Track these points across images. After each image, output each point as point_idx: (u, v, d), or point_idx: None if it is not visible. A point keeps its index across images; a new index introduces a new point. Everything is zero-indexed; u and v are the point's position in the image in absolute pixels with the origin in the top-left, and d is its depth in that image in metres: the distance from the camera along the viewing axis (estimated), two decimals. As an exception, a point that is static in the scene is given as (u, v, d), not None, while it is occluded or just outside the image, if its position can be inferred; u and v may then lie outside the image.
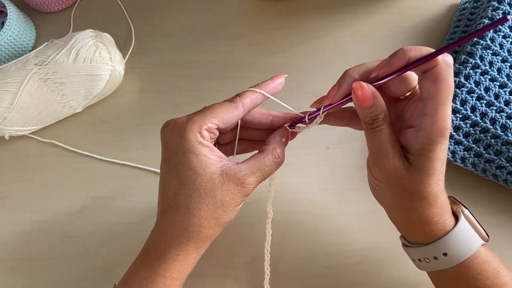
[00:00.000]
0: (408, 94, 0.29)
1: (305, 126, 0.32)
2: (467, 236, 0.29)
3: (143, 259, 0.31)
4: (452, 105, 0.41)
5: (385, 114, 0.28)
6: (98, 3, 0.57)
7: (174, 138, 0.29)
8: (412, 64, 0.26)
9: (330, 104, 0.30)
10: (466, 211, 0.31)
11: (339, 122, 0.33)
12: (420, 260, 0.31)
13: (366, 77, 0.29)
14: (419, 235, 0.30)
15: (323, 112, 0.30)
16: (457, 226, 0.29)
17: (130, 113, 0.50)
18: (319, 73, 0.51)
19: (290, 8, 0.55)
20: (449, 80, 0.26)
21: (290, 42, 0.53)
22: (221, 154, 0.30)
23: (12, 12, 0.51)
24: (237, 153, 0.35)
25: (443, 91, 0.26)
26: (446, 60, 0.26)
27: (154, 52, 0.54)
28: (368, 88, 0.27)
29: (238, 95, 0.30)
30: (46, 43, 0.48)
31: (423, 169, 0.27)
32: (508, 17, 0.24)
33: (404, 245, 0.33)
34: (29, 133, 0.48)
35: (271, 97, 0.31)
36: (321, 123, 0.32)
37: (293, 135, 0.34)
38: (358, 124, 0.32)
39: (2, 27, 0.50)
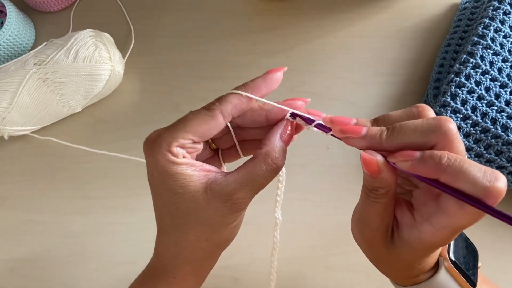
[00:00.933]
0: None
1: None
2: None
3: (142, 278, 0.30)
4: (453, 105, 0.41)
5: (388, 190, 0.23)
6: (97, 3, 0.57)
7: (147, 158, 0.26)
8: (447, 189, 0.21)
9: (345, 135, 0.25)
10: (450, 260, 0.28)
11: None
12: None
13: (394, 148, 0.23)
14: (390, 277, 0.30)
15: (331, 135, 0.26)
16: (430, 280, 0.27)
17: (130, 113, 0.50)
18: (319, 73, 0.51)
19: (290, 8, 0.55)
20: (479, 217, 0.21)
21: (290, 42, 0.53)
22: (206, 166, 0.26)
23: (12, 11, 0.51)
24: (245, 155, 0.31)
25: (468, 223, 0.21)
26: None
27: (154, 51, 0.53)
28: (378, 162, 0.22)
29: (218, 99, 0.26)
30: (45, 43, 0.47)
31: (403, 257, 0.25)
32: None
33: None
34: (29, 133, 0.48)
35: (261, 99, 0.26)
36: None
37: (299, 128, 0.28)
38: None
39: (2, 27, 0.50)
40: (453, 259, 0.28)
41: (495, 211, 0.20)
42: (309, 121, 0.26)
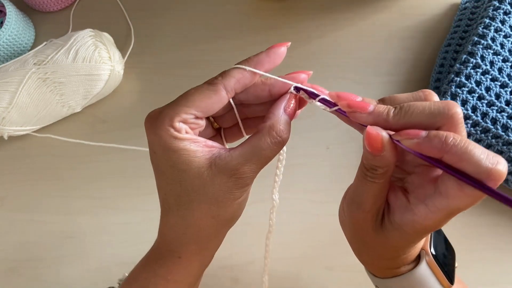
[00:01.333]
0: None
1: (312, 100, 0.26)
2: (423, 282, 0.27)
3: (146, 260, 0.30)
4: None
5: (386, 170, 0.23)
6: (97, 3, 0.57)
7: (149, 135, 0.25)
8: (449, 170, 0.21)
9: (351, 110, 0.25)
10: (430, 258, 0.28)
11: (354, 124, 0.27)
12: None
13: (400, 127, 0.23)
14: (370, 267, 0.30)
15: (336, 110, 0.25)
16: (411, 272, 0.27)
17: (130, 113, 0.50)
18: (319, 73, 0.51)
19: (290, 8, 0.55)
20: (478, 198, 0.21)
21: (290, 42, 0.53)
22: (210, 142, 0.26)
23: (11, 11, 0.51)
24: (248, 133, 0.30)
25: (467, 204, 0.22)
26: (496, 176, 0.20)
27: (154, 51, 0.53)
28: (383, 139, 0.22)
29: (221, 74, 0.26)
30: (45, 43, 0.47)
31: (391, 241, 0.25)
32: None
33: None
34: (28, 133, 0.48)
35: (265, 73, 0.26)
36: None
37: (302, 103, 0.27)
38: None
39: (1, 27, 0.50)
40: (434, 253, 0.28)
41: (496, 193, 0.20)
42: (313, 95, 0.26)
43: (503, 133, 0.40)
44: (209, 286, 0.42)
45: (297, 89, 0.26)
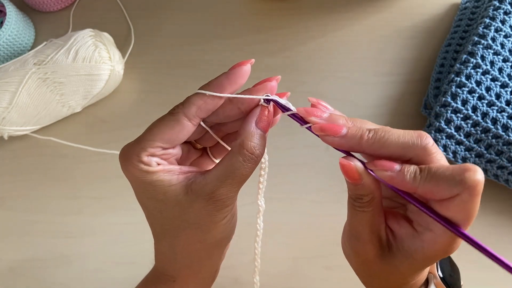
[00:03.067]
0: None
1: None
2: None
3: (146, 282, 0.30)
4: (453, 105, 0.41)
5: (372, 197, 0.23)
6: (97, 3, 0.57)
7: (124, 172, 0.25)
8: (416, 204, 0.22)
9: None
10: (438, 277, 0.28)
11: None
12: None
13: (369, 154, 0.23)
14: None
15: (307, 128, 0.25)
16: None
17: (130, 113, 0.50)
18: (319, 73, 0.51)
19: (290, 8, 0.55)
20: (468, 216, 0.21)
21: (290, 42, 0.53)
22: (185, 168, 0.25)
23: (11, 11, 0.51)
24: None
25: (468, 221, 0.22)
26: (477, 186, 0.20)
27: (154, 51, 0.53)
28: (356, 168, 0.22)
29: (183, 102, 0.25)
30: (45, 43, 0.47)
31: (400, 269, 0.24)
32: None
33: None
34: (29, 133, 0.48)
35: (225, 95, 0.25)
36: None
37: (276, 112, 0.26)
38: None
39: (1, 27, 0.50)
40: (441, 276, 0.28)
41: (463, 234, 0.21)
42: (284, 109, 0.25)
43: (503, 133, 0.40)
44: (209, 286, 0.42)
45: (268, 99, 0.25)
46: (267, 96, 0.25)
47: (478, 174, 0.20)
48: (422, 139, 0.22)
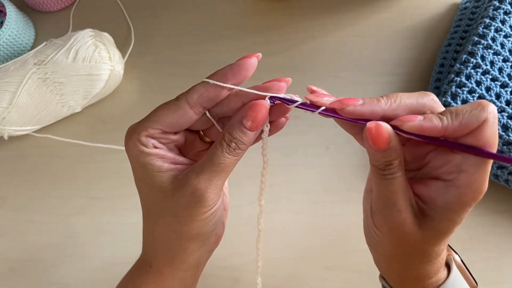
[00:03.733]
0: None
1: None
2: (458, 287, 0.27)
3: (130, 271, 0.31)
4: (453, 105, 0.41)
5: (400, 160, 0.23)
6: (97, 3, 0.57)
7: (125, 148, 0.26)
8: (449, 144, 0.23)
9: (333, 111, 0.24)
10: (457, 258, 0.29)
11: (351, 128, 0.27)
12: None
13: (390, 116, 0.24)
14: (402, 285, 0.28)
15: (319, 113, 0.25)
16: (449, 279, 0.27)
17: (130, 113, 0.50)
18: (319, 73, 0.51)
19: (290, 8, 0.55)
20: (496, 140, 0.22)
21: (290, 42, 0.53)
22: (179, 158, 0.26)
23: (11, 11, 0.51)
24: None
25: (496, 143, 0.23)
26: (494, 115, 0.22)
27: (154, 51, 0.53)
28: (386, 129, 0.23)
29: (187, 90, 0.26)
30: (45, 43, 0.47)
31: (439, 229, 0.24)
32: None
33: None
34: (28, 133, 0.48)
35: (228, 85, 0.25)
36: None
37: (279, 115, 0.26)
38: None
39: (1, 27, 0.50)
40: (459, 256, 0.29)
41: (494, 155, 0.22)
42: (290, 102, 0.25)
43: (503, 133, 0.40)
44: (209, 286, 0.42)
45: (273, 98, 0.25)
46: (272, 95, 0.25)
47: (490, 103, 0.22)
48: (429, 94, 0.24)
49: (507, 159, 0.21)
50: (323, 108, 0.24)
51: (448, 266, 0.28)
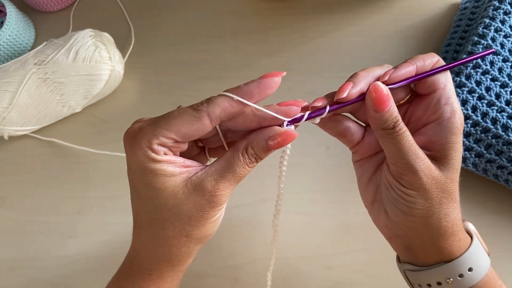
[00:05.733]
0: (407, 97, 0.29)
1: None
2: (482, 249, 0.28)
3: (119, 276, 0.29)
4: (453, 105, 0.41)
5: (400, 118, 0.26)
6: (97, 3, 0.57)
7: (127, 152, 0.25)
8: (422, 75, 0.27)
9: (337, 103, 0.26)
10: (471, 224, 0.30)
11: (336, 126, 0.29)
12: (439, 283, 0.28)
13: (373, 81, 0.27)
14: (438, 251, 0.28)
15: (329, 111, 0.26)
16: (474, 239, 0.28)
17: (130, 113, 0.50)
18: (319, 73, 0.51)
19: (290, 8, 0.55)
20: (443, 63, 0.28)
21: (290, 42, 0.53)
22: (188, 162, 0.26)
23: (11, 11, 0.51)
24: None
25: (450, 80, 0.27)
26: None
27: (154, 51, 0.53)
28: (383, 88, 0.25)
29: (207, 100, 0.24)
30: (45, 43, 0.47)
31: (452, 164, 0.27)
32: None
33: (412, 271, 0.29)
34: (29, 133, 0.48)
35: (254, 105, 0.25)
36: (316, 124, 0.28)
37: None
38: (354, 135, 0.29)
39: (1, 27, 0.50)
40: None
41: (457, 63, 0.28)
42: (310, 117, 0.27)
43: (503, 133, 0.40)
44: (209, 286, 0.42)
45: (290, 122, 0.26)
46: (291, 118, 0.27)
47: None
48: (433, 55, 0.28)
49: (467, 59, 0.28)
50: (327, 109, 0.27)
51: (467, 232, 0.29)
